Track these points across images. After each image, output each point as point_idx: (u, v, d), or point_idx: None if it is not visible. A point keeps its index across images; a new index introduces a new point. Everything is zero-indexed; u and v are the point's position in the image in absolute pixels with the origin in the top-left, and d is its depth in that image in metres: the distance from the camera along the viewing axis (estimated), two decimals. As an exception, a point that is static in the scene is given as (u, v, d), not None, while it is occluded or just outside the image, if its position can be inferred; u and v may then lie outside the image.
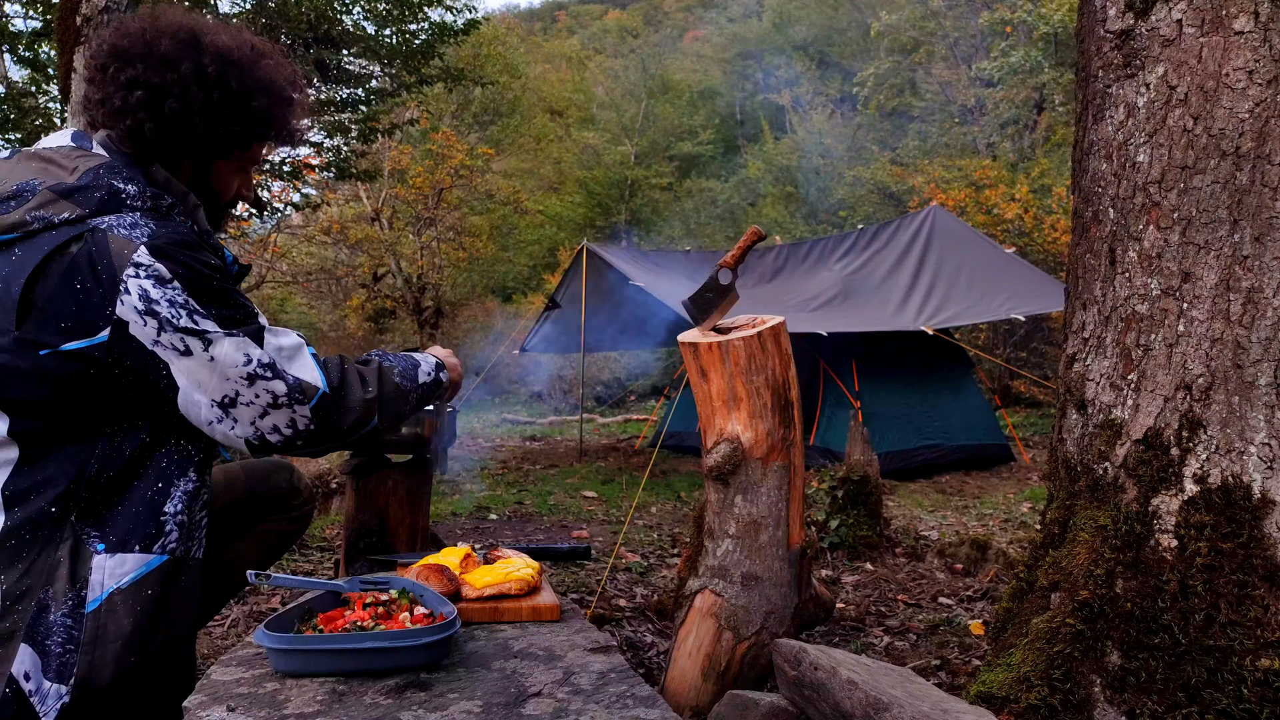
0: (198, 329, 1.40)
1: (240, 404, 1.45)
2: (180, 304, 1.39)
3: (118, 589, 1.43)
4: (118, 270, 1.36)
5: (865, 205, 17.50)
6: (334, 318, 17.98)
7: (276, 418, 1.47)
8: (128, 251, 1.37)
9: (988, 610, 2.90)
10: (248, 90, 1.54)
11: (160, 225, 1.42)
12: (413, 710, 1.39)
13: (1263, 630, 1.54)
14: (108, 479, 1.45)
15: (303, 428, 1.49)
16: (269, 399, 1.46)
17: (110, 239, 1.37)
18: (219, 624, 2.65)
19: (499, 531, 4.87)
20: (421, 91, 10.03)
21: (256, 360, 1.45)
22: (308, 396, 1.49)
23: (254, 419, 1.46)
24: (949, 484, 6.76)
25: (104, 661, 1.41)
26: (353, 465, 2.56)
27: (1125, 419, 1.74)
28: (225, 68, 1.52)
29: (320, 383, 1.51)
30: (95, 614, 1.41)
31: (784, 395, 1.97)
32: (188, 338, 1.40)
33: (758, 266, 8.77)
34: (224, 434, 1.47)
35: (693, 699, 1.94)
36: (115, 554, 1.44)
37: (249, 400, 1.45)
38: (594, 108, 24.44)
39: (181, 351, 1.40)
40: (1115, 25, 1.81)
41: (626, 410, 14.92)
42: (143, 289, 1.37)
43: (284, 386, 1.47)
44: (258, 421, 1.46)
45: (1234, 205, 1.65)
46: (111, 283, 1.36)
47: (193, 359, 1.41)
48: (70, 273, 1.36)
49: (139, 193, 1.44)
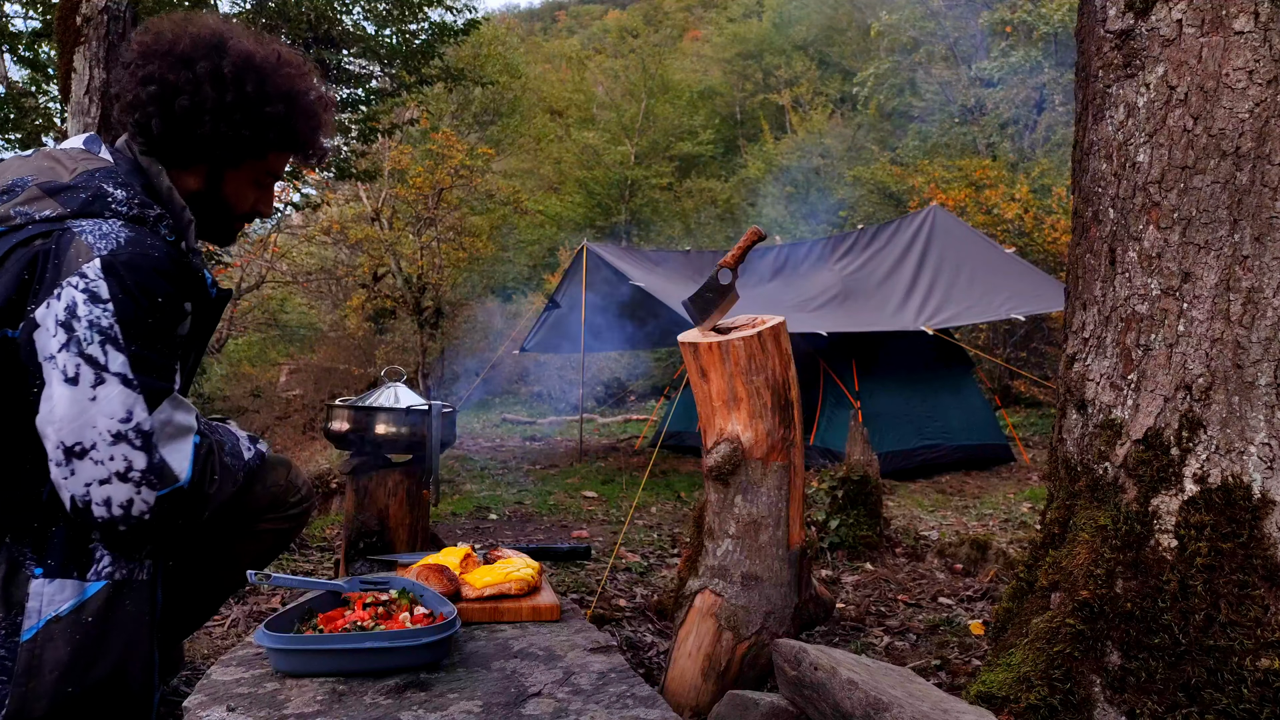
0: (100, 361, 1.32)
1: (89, 459, 1.32)
2: (101, 328, 1.32)
3: (56, 616, 1.36)
4: (63, 274, 1.33)
5: (865, 205, 17.49)
6: (334, 318, 17.96)
7: (116, 491, 1.33)
8: (82, 259, 1.33)
9: (988, 610, 2.90)
10: (264, 96, 1.51)
11: (132, 239, 1.37)
12: (413, 710, 1.39)
13: (1263, 630, 1.54)
14: (51, 497, 1.38)
15: (137, 513, 1.35)
16: (121, 468, 1.33)
17: (74, 243, 1.35)
18: (219, 624, 2.65)
19: (499, 531, 4.87)
20: (421, 91, 10.02)
21: (135, 424, 1.34)
22: (164, 483, 1.37)
23: (92, 481, 1.32)
24: (949, 484, 6.76)
25: (38, 694, 1.34)
26: (353, 465, 2.56)
27: (1125, 419, 1.74)
28: (243, 71, 1.49)
29: (184, 476, 1.39)
30: (31, 643, 1.35)
31: (784, 395, 1.97)
32: (84, 365, 1.31)
33: (758, 266, 8.77)
34: (55, 481, 1.34)
35: (693, 699, 1.94)
36: (55, 579, 1.37)
37: (100, 459, 1.32)
38: (594, 108, 24.42)
39: (68, 378, 1.31)
40: (1115, 25, 1.81)
41: (626, 410, 14.92)
42: (73, 300, 1.32)
43: (143, 463, 1.34)
44: (94, 487, 1.32)
45: (1234, 205, 1.65)
46: (51, 284, 1.33)
47: (74, 389, 1.31)
48: (22, 263, 1.35)
49: (126, 198, 1.41)
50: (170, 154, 1.52)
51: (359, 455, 2.57)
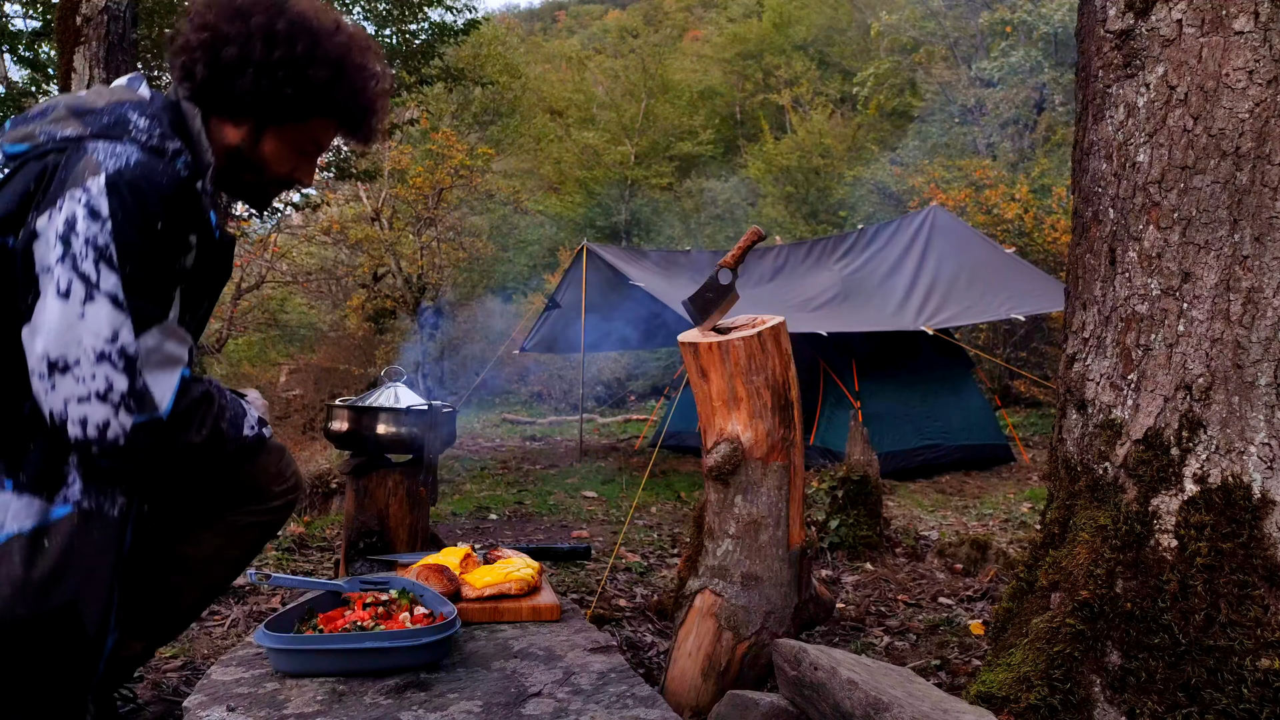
0: (92, 278, 1.31)
1: (70, 375, 1.31)
2: (97, 246, 1.31)
3: (19, 533, 1.34)
4: (67, 186, 1.33)
5: (865, 205, 17.49)
6: (334, 318, 17.97)
7: (93, 411, 1.31)
8: (88, 174, 1.34)
9: (988, 610, 2.90)
10: (312, 59, 1.50)
11: (141, 162, 1.37)
12: (413, 710, 1.39)
13: (1263, 630, 1.54)
14: (32, 413, 1.36)
15: (112, 436, 1.32)
16: (101, 388, 1.31)
17: (84, 159, 1.35)
18: (219, 624, 2.65)
19: (499, 531, 4.87)
20: (421, 91, 10.03)
21: (120, 345, 1.32)
22: (142, 410, 1.34)
23: (71, 398, 1.31)
24: (949, 484, 6.76)
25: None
26: (353, 465, 2.56)
27: (1125, 419, 1.74)
28: (296, 31, 1.49)
29: (164, 407, 1.36)
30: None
31: (784, 395, 1.97)
32: (76, 280, 1.30)
33: (758, 266, 8.77)
34: (37, 394, 1.33)
35: (693, 699, 1.94)
36: (24, 495, 1.36)
37: (81, 377, 1.31)
38: (594, 108, 24.42)
39: (60, 291, 1.30)
40: (1115, 25, 1.81)
41: (626, 410, 14.91)
42: (73, 214, 1.32)
43: (124, 385, 1.32)
44: (72, 405, 1.31)
45: (1234, 205, 1.65)
46: (54, 195, 1.33)
47: (64, 304, 1.30)
48: (31, 175, 1.37)
49: (147, 128, 1.41)
50: (212, 102, 1.52)
51: (359, 455, 2.58)
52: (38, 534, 1.35)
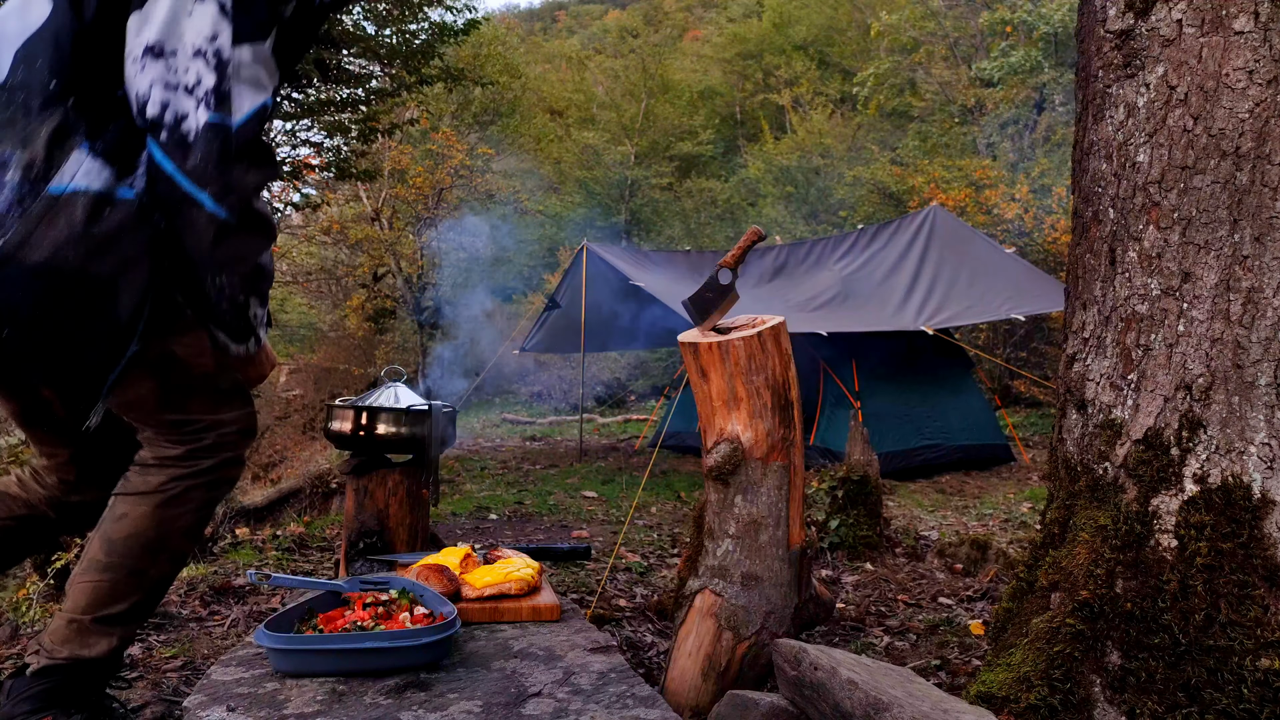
0: None
1: (163, 61, 1.36)
2: None
3: (86, 189, 1.37)
4: None
5: (865, 205, 17.47)
6: (334, 318, 17.96)
7: (175, 99, 1.36)
8: None
9: (988, 610, 2.90)
10: None
11: None
12: (413, 710, 1.39)
13: (1263, 630, 1.54)
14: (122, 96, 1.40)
15: (185, 129, 1.36)
16: (190, 80, 1.36)
17: None
18: (219, 624, 2.65)
19: (499, 531, 4.87)
20: (421, 91, 10.02)
21: (217, 47, 1.38)
22: (218, 108, 1.37)
23: (158, 81, 1.36)
24: (949, 484, 6.76)
25: (40, 242, 1.34)
26: (353, 465, 2.56)
27: (1125, 419, 1.74)
28: None
29: (240, 117, 1.40)
30: (55, 197, 1.36)
31: (784, 395, 1.97)
32: None
33: (758, 266, 8.77)
34: (128, 76, 1.38)
35: (693, 699, 1.94)
36: (98, 160, 1.39)
37: (176, 68, 1.36)
38: (594, 108, 24.42)
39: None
40: (1115, 25, 1.81)
41: (626, 410, 14.91)
42: None
43: (211, 82, 1.37)
44: (157, 89, 1.36)
45: (1234, 205, 1.65)
46: None
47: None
48: None
49: None
50: None
51: (359, 455, 2.58)
52: (102, 200, 1.38)
